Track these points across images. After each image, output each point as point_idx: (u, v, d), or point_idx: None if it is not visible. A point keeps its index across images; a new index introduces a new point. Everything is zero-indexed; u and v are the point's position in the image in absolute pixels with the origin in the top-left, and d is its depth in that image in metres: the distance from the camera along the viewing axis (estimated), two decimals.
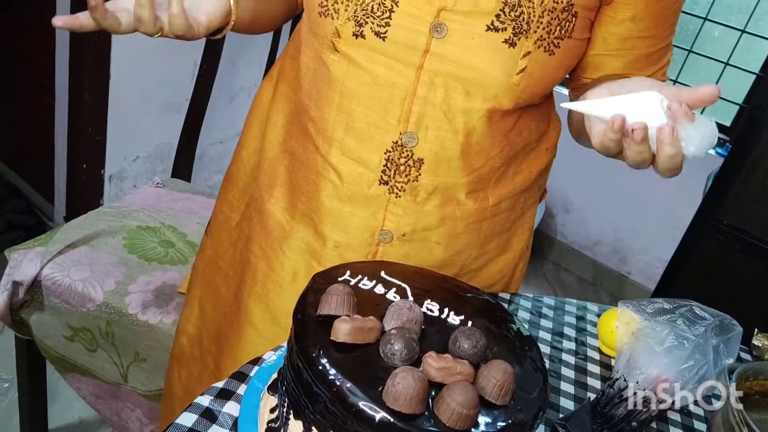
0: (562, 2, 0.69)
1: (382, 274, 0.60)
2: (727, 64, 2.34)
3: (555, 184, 2.88)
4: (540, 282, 2.71)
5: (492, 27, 0.68)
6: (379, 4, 0.69)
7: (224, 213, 0.95)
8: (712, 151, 2.33)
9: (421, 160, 0.75)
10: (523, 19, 0.68)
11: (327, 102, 0.77)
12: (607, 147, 0.63)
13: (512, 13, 0.68)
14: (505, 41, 0.69)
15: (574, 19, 0.70)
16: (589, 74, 0.80)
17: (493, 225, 0.84)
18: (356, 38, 0.71)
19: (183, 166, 1.67)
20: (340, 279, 0.57)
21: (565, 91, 0.87)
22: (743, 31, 2.30)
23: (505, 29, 0.68)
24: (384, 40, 0.70)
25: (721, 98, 2.50)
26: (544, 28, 0.69)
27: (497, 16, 0.68)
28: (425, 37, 0.70)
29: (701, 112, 0.69)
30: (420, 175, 0.76)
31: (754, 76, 2.29)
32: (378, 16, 0.70)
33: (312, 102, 0.79)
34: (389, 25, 0.70)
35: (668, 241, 2.38)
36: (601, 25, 0.75)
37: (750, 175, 1.89)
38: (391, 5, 0.69)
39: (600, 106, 0.63)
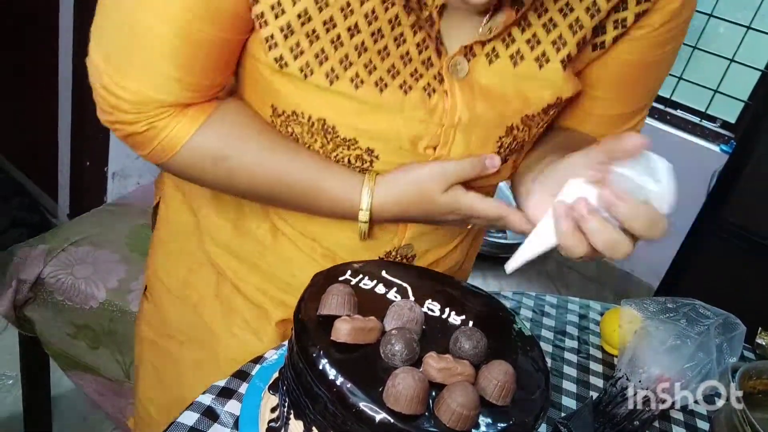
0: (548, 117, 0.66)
1: (383, 273, 0.59)
2: (732, 60, 2.33)
3: None
4: (543, 280, 2.70)
5: None
6: (356, 158, 0.63)
7: (159, 278, 0.84)
8: (716, 149, 2.33)
9: (414, 255, 0.73)
10: (516, 146, 0.67)
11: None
12: (577, 255, 0.55)
13: (504, 151, 0.66)
14: None
15: (556, 110, 0.67)
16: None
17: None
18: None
19: None
20: (340, 279, 0.57)
21: None
22: (749, 28, 2.29)
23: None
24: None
25: (725, 95, 2.50)
26: (534, 139, 0.69)
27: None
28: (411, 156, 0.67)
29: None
30: (412, 263, 0.74)
31: (759, 73, 2.28)
32: (355, 165, 0.64)
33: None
34: (370, 170, 0.64)
35: (672, 239, 2.37)
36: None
37: (754, 173, 1.89)
38: (371, 159, 0.63)
39: (539, 239, 0.57)
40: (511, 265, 0.58)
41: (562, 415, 0.73)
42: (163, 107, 0.58)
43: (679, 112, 2.45)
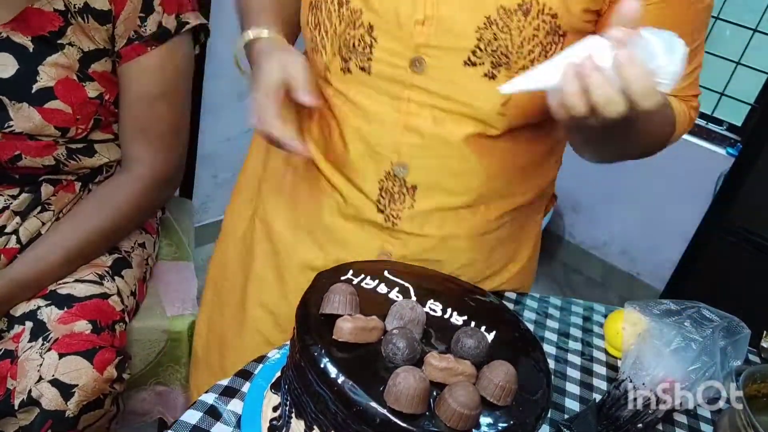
0: (545, 27, 0.66)
1: (386, 273, 0.60)
2: (738, 63, 2.32)
3: (564, 184, 2.86)
4: (549, 282, 2.69)
5: (469, 62, 0.68)
6: (359, 40, 0.70)
7: (232, 222, 0.96)
8: (722, 151, 2.32)
9: (415, 187, 0.75)
10: (501, 52, 0.67)
11: (327, 128, 0.79)
12: (572, 106, 0.55)
13: (488, 48, 0.67)
14: (485, 75, 0.68)
15: (562, 39, 0.68)
16: None
17: (498, 236, 0.83)
18: (344, 73, 0.73)
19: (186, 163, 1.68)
20: (342, 278, 0.57)
21: None
22: (755, 30, 2.28)
23: (483, 63, 0.68)
24: (369, 75, 0.71)
25: (732, 98, 2.49)
26: (526, 57, 0.67)
27: (473, 51, 0.67)
28: (406, 72, 0.70)
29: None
30: (415, 202, 0.76)
31: (766, 76, 2.27)
32: (360, 52, 0.71)
33: (315, 124, 0.81)
34: (371, 60, 0.70)
35: (678, 242, 2.36)
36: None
37: (761, 176, 1.88)
38: (371, 41, 0.70)
39: (542, 74, 0.57)
40: (506, 87, 0.59)
41: (565, 417, 0.73)
42: None
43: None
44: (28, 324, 0.88)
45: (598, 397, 0.77)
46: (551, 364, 0.82)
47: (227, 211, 0.99)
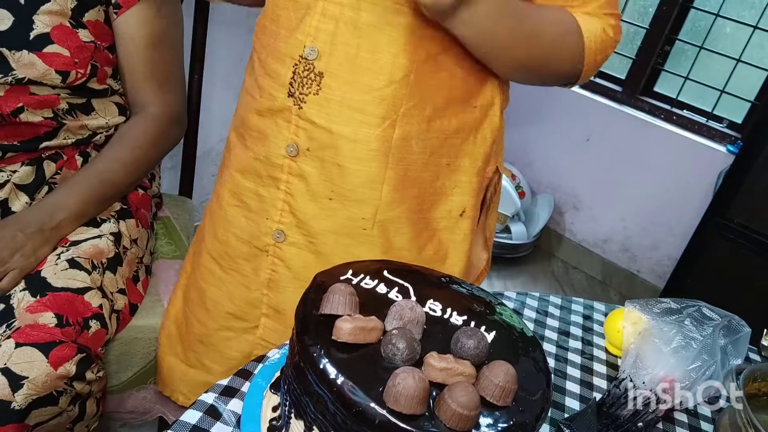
0: None
1: (385, 273, 0.59)
2: (739, 60, 2.32)
3: (564, 181, 2.87)
4: (549, 280, 2.70)
5: None
6: None
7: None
8: (723, 149, 2.31)
9: (321, 73, 0.78)
10: None
11: (262, 29, 0.86)
12: None
13: None
14: None
15: None
16: None
17: (404, 165, 0.83)
18: None
19: (185, 161, 1.68)
20: (342, 278, 0.57)
21: (574, 88, 0.85)
22: (756, 27, 2.27)
23: None
24: None
25: (732, 95, 2.49)
26: None
27: None
28: None
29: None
30: (320, 89, 0.79)
31: (766, 73, 2.27)
32: None
33: (257, 35, 0.88)
34: None
35: (678, 240, 2.36)
36: None
37: (761, 173, 1.88)
38: None
39: None
40: None
41: (566, 416, 0.73)
42: None
43: (685, 113, 2.44)
44: (0, 307, 0.87)
45: (598, 395, 0.77)
46: (551, 362, 0.82)
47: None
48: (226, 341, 0.98)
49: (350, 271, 0.58)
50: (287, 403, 0.52)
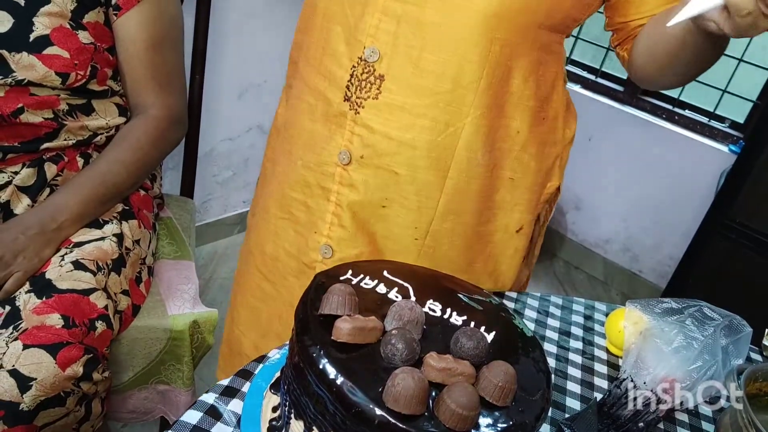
0: None
1: (385, 273, 0.59)
2: (741, 60, 2.31)
3: (566, 181, 2.86)
4: (550, 280, 2.69)
5: None
6: None
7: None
8: (725, 149, 2.31)
9: (382, 76, 0.74)
10: None
11: (312, 27, 0.80)
12: (748, 18, 0.55)
13: None
14: None
15: None
16: (632, 15, 0.77)
17: (466, 177, 0.79)
18: None
19: (187, 162, 1.68)
20: (341, 278, 0.57)
21: (576, 88, 0.85)
22: None
23: None
24: None
25: (734, 95, 2.48)
26: None
27: None
28: None
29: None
30: (380, 92, 0.74)
31: None
32: None
33: (302, 33, 0.84)
34: None
35: (680, 239, 2.36)
36: None
37: (763, 173, 1.88)
38: None
39: None
40: (674, 21, 0.61)
41: (566, 416, 0.73)
42: None
43: (687, 113, 2.44)
44: (6, 309, 0.87)
45: (599, 396, 0.77)
46: (552, 362, 0.82)
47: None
48: None
49: (350, 272, 0.58)
50: (287, 403, 0.52)
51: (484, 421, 0.46)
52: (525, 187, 0.84)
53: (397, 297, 0.57)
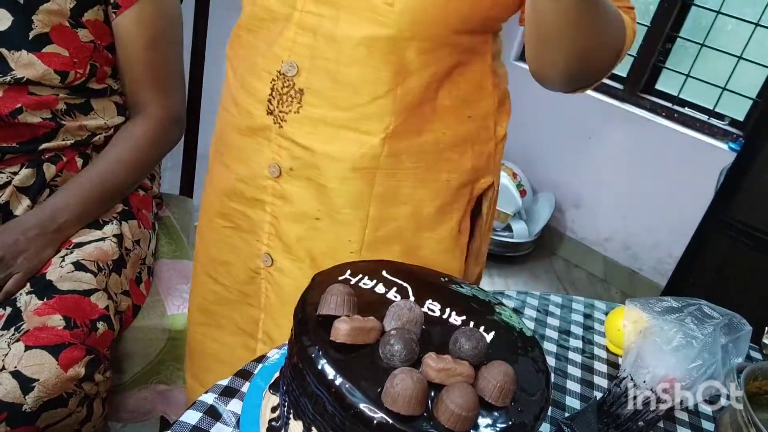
0: None
1: (384, 273, 0.59)
2: (740, 57, 2.31)
3: (565, 179, 2.87)
4: (550, 278, 2.69)
5: None
6: None
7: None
8: (724, 146, 2.31)
9: (302, 90, 0.74)
10: None
11: (237, 39, 0.82)
12: None
13: None
14: None
15: None
16: None
17: (395, 181, 0.78)
18: None
19: (186, 161, 1.67)
20: (340, 278, 0.57)
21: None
22: (757, 25, 2.27)
23: None
24: None
25: (734, 92, 2.48)
26: None
27: None
28: None
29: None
30: (301, 106, 0.75)
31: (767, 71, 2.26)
32: None
33: (232, 46, 0.84)
34: None
35: (680, 237, 2.36)
36: None
37: (763, 171, 1.87)
38: None
39: None
40: None
41: (566, 415, 0.73)
42: None
43: (686, 110, 2.44)
44: (7, 310, 0.87)
45: (598, 394, 0.77)
46: (552, 361, 0.82)
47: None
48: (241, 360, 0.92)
49: (348, 271, 0.58)
50: (286, 403, 0.52)
51: (483, 421, 0.46)
52: (459, 185, 0.82)
53: (396, 297, 0.56)
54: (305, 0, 0.71)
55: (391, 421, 0.43)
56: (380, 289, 0.57)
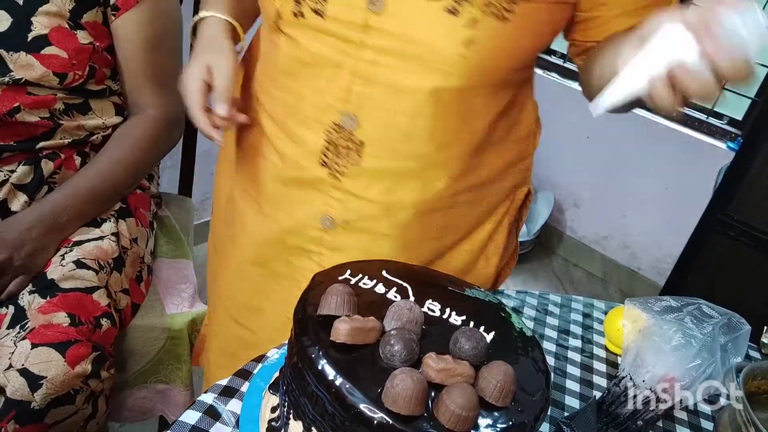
0: None
1: (384, 273, 0.59)
2: None
3: (564, 179, 2.87)
4: (549, 277, 2.69)
5: None
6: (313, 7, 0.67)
7: (217, 187, 0.99)
8: (723, 146, 2.31)
9: (362, 142, 0.71)
10: None
11: (274, 83, 0.77)
12: (666, 106, 0.56)
13: None
14: (447, 9, 0.63)
15: None
16: (593, 37, 0.73)
17: (450, 217, 0.79)
18: (296, 17, 0.69)
19: (185, 160, 1.67)
20: (340, 278, 0.57)
21: (574, 85, 0.83)
22: None
23: None
24: (323, 18, 0.67)
25: (733, 92, 2.48)
26: None
27: None
28: (362, 12, 0.65)
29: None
30: (361, 159, 0.72)
31: (767, 70, 2.26)
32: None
33: (260, 86, 0.80)
34: (326, 2, 0.66)
35: (678, 237, 2.36)
36: None
37: (762, 170, 1.87)
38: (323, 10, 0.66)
39: (627, 83, 0.55)
40: (599, 106, 0.58)
41: (565, 414, 0.73)
42: None
43: (685, 110, 2.44)
44: (10, 309, 0.88)
45: (598, 394, 0.77)
46: (551, 361, 0.82)
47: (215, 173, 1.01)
48: None
49: (348, 271, 0.58)
50: (286, 403, 0.52)
51: (483, 421, 0.46)
52: (498, 202, 0.84)
53: (396, 297, 0.56)
54: (362, 47, 0.67)
55: (391, 422, 0.44)
56: (380, 289, 0.57)
